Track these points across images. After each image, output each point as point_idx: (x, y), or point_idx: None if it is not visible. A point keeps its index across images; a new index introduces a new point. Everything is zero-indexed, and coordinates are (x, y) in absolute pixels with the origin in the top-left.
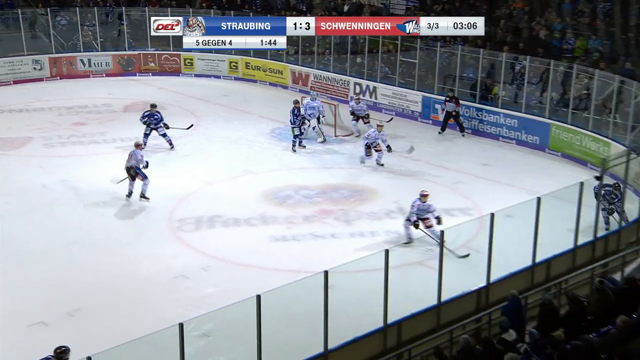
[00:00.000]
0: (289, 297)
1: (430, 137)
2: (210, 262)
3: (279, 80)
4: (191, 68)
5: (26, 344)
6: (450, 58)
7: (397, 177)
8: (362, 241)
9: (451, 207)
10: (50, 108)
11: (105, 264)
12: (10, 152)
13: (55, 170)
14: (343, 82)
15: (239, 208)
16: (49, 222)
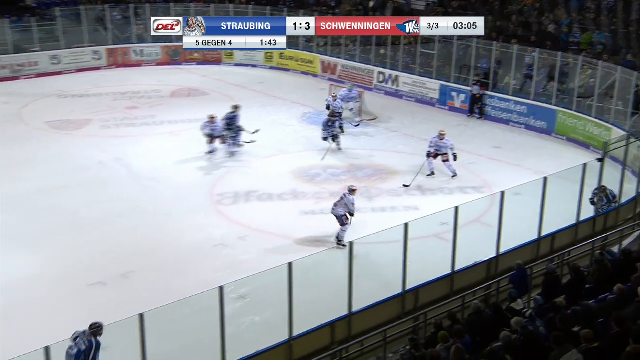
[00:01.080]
0: (317, 264)
1: (446, 121)
2: (246, 232)
3: (310, 69)
4: (231, 58)
5: (88, 301)
6: (466, 50)
7: (416, 157)
8: (383, 215)
9: (465, 186)
10: (107, 93)
11: (153, 232)
12: (71, 133)
13: (111, 149)
14: (368, 71)
15: (273, 184)
16: (105, 195)
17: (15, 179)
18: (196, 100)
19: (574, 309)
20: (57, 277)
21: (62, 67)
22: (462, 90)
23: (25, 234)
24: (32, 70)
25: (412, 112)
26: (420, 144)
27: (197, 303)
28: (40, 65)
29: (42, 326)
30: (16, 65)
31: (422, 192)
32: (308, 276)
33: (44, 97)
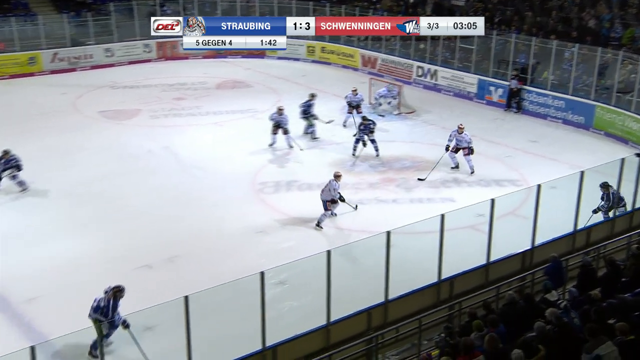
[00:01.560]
0: (355, 253)
1: (483, 115)
2: (287, 221)
3: (350, 62)
4: (274, 51)
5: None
6: (504, 45)
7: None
8: (420, 206)
9: (501, 178)
10: (156, 85)
11: (198, 219)
12: (122, 122)
13: (159, 138)
14: (407, 65)
15: (313, 175)
16: (153, 182)
17: (69, 165)
18: (240, 92)
19: (609, 301)
20: (106, 260)
21: (114, 59)
22: (500, 85)
23: (76, 218)
24: (87, 63)
25: (449, 106)
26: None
27: (239, 287)
28: (94, 58)
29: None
30: (73, 57)
31: (459, 184)
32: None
33: (98, 88)
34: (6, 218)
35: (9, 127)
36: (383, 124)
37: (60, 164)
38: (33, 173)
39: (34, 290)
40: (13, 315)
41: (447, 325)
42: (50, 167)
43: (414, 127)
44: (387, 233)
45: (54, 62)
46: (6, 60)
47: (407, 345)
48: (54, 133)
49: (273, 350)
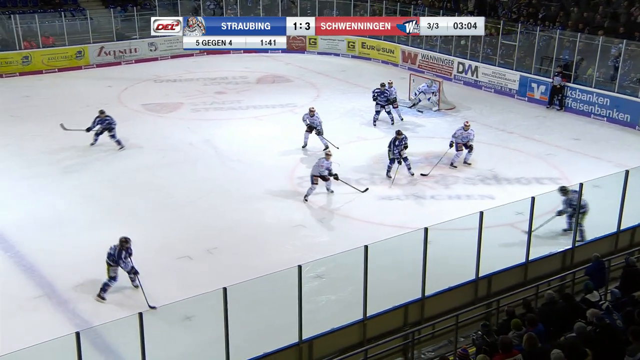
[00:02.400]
0: (392, 248)
1: (525, 112)
2: (324, 215)
3: (391, 58)
4: (315, 46)
5: (176, 273)
6: (548, 41)
7: (492, 147)
8: (459, 203)
9: (541, 176)
10: (198, 79)
11: (236, 211)
12: (165, 115)
13: (200, 131)
14: (448, 62)
15: (351, 169)
16: (193, 174)
17: (114, 157)
18: (280, 86)
19: None
20: (148, 249)
21: (158, 53)
22: (542, 82)
23: (120, 208)
24: (132, 57)
25: (490, 103)
26: (498, 134)
27: (277, 280)
28: (139, 52)
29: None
30: (118, 51)
31: (498, 182)
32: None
33: (142, 82)
34: (49, 206)
35: (57, 118)
36: (422, 119)
37: (105, 155)
38: (79, 163)
39: (78, 277)
40: (58, 301)
41: (485, 323)
42: (96, 159)
43: (453, 124)
44: (424, 229)
45: (100, 55)
46: (55, 54)
47: (443, 341)
48: None
49: (309, 343)
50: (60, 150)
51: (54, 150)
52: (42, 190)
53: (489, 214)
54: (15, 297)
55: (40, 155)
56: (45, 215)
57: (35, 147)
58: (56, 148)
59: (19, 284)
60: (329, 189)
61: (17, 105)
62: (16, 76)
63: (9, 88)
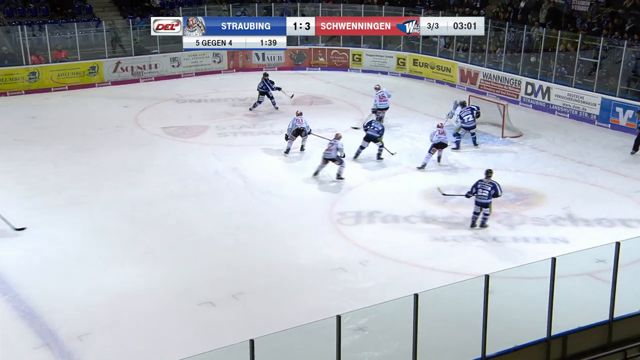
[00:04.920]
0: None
1: (607, 141)
2: (368, 257)
3: (447, 77)
4: (359, 64)
5: (196, 321)
6: (638, 57)
7: (568, 182)
8: (526, 247)
9: (629, 218)
10: (226, 99)
11: (267, 250)
12: (188, 139)
13: (227, 158)
14: (514, 82)
15: (399, 205)
16: (219, 207)
17: (128, 186)
18: (319, 108)
19: None
20: (166, 293)
21: (181, 70)
22: (630, 106)
23: (135, 244)
24: (151, 73)
25: (565, 129)
26: (575, 166)
27: (312, 332)
28: (160, 68)
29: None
30: (136, 67)
31: (574, 222)
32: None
33: (162, 101)
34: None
35: (66, 141)
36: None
37: (120, 184)
38: (90, 193)
39: (85, 324)
40: (60, 352)
41: None
42: (110, 188)
43: (520, 154)
44: (485, 277)
45: (116, 72)
46: (66, 70)
47: None
48: (114, 150)
49: None
50: (68, 178)
51: (62, 178)
52: (46, 223)
53: (563, 260)
54: (12, 347)
55: (46, 183)
56: (49, 252)
57: (41, 174)
58: (64, 175)
59: (17, 332)
60: (341, 176)
61: (23, 127)
62: (22, 94)
63: (13, 108)
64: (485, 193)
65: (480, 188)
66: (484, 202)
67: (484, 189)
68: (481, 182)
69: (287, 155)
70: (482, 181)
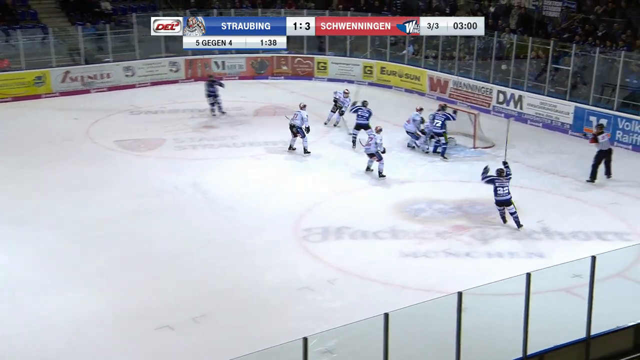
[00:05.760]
0: (419, 317)
1: (581, 151)
2: (336, 275)
3: (416, 86)
4: (324, 72)
5: (154, 346)
6: (610, 65)
7: (542, 194)
8: (500, 262)
9: (605, 231)
10: (184, 110)
11: (229, 269)
12: (145, 153)
13: (187, 172)
14: (485, 90)
15: (368, 220)
16: (178, 224)
17: (81, 204)
18: (283, 119)
19: None
20: (120, 318)
21: (136, 79)
22: (603, 114)
23: (88, 265)
24: (104, 83)
25: (538, 140)
26: (548, 178)
27: (277, 355)
28: (112, 77)
29: None
30: (87, 76)
31: (549, 236)
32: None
33: (116, 113)
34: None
35: (11, 157)
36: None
37: (70, 202)
38: (39, 211)
39: (33, 355)
40: None
41: None
42: (60, 206)
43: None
44: (458, 294)
45: (64, 82)
46: (9, 80)
47: None
48: (64, 165)
49: None
50: (13, 196)
51: (6, 196)
52: None
53: (538, 276)
54: None
55: None
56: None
57: None
58: (9, 193)
59: None
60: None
61: None
62: None
63: None
64: (505, 190)
65: (499, 187)
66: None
67: (502, 186)
68: (499, 180)
69: (290, 152)
70: (499, 179)
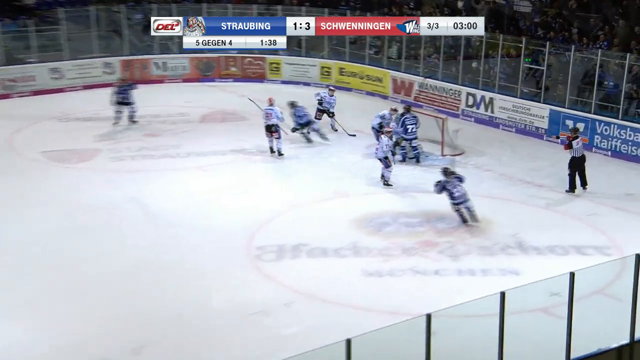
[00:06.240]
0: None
1: (557, 158)
2: (292, 298)
3: (378, 88)
4: (278, 74)
5: None
6: (587, 64)
7: (516, 205)
8: (472, 280)
9: (583, 244)
10: None
11: (174, 293)
12: (76, 166)
13: (124, 186)
14: (454, 92)
15: (328, 236)
16: (115, 244)
17: (4, 223)
18: (232, 126)
19: None
20: (49, 350)
21: (65, 82)
22: (581, 118)
23: (15, 293)
24: (27, 87)
25: (511, 146)
26: (523, 188)
27: None
28: (37, 80)
29: None
30: (7, 79)
31: (524, 251)
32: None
33: (42, 121)
34: None
35: None
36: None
37: None
38: None
39: None
40: None
41: None
42: None
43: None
44: (427, 316)
45: None
46: None
47: None
48: None
49: None
50: None
51: None
52: None
53: (513, 295)
54: None
55: None
56: None
57: None
58: None
59: None
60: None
61: None
62: None
63: None
64: (461, 191)
65: (452, 189)
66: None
67: (455, 187)
68: (449, 182)
69: (272, 155)
70: (448, 180)
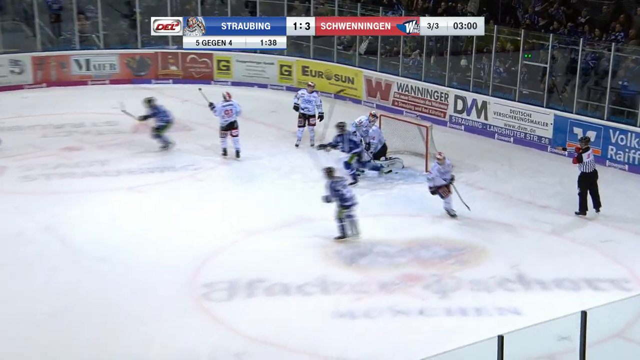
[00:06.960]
0: None
1: (563, 173)
2: (247, 346)
3: (349, 91)
4: (227, 74)
5: None
6: (598, 60)
7: (516, 230)
8: (464, 321)
9: (597, 277)
10: (32, 126)
11: (102, 342)
12: None
13: (37, 212)
14: (440, 95)
15: (290, 269)
16: (26, 285)
17: None
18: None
19: None
20: None
21: None
22: (591, 125)
23: None
24: None
25: (509, 159)
26: (523, 209)
27: None
28: None
29: None
30: None
31: (526, 285)
32: None
33: None
34: None
35: None
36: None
37: None
38: None
39: None
40: None
41: None
42: None
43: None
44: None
45: None
46: None
47: None
48: None
49: None
50: None
51: None
52: None
53: (513, 339)
54: None
55: None
56: None
57: None
58: None
59: None
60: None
61: None
62: None
63: None
64: (351, 192)
65: (342, 190)
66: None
67: (345, 186)
68: (335, 182)
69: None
70: (334, 181)
